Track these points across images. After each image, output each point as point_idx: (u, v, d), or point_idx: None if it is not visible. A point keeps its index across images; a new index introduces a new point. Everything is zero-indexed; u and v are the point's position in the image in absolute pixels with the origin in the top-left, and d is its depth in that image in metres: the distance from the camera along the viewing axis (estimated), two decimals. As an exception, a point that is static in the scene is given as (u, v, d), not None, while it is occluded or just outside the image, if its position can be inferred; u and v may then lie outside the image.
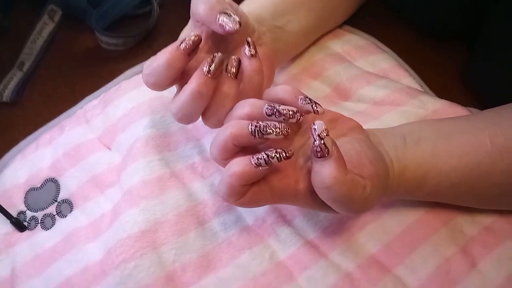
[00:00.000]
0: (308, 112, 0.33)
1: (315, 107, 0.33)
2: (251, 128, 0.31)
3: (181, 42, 0.33)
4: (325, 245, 0.39)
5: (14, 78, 0.52)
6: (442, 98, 0.48)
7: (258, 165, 0.30)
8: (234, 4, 0.37)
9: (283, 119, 0.32)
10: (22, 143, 0.47)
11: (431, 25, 0.55)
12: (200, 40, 0.34)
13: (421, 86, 0.51)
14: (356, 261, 0.38)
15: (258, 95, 0.36)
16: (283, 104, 0.32)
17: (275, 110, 0.32)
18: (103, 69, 0.54)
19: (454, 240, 0.39)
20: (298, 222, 0.40)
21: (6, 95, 0.50)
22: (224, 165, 0.32)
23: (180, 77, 0.36)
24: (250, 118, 0.32)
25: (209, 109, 0.35)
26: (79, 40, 0.58)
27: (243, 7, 0.44)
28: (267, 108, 0.32)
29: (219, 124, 0.35)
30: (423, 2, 0.54)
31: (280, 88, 0.34)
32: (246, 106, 0.33)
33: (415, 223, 0.40)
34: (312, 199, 0.33)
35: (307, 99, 0.33)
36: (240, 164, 0.31)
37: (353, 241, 0.39)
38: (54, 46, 0.57)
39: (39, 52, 0.55)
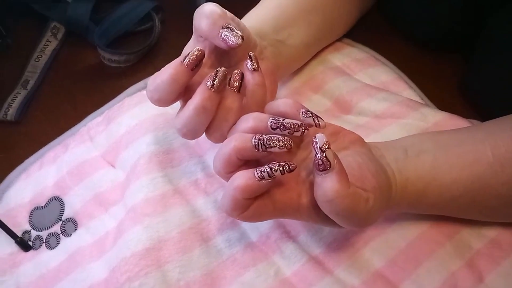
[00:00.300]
0: (310, 125, 0.33)
1: (317, 120, 0.33)
2: (255, 142, 0.31)
3: (185, 57, 0.33)
4: (330, 261, 0.39)
5: (19, 97, 0.52)
6: (442, 110, 0.49)
7: (261, 178, 0.31)
8: (236, 18, 0.37)
9: (288, 132, 0.32)
10: (26, 162, 0.47)
11: (429, 37, 0.56)
12: (203, 54, 0.34)
13: (422, 98, 0.51)
14: (362, 277, 0.38)
15: (261, 109, 0.36)
16: (285, 118, 0.33)
17: (279, 123, 0.32)
18: (106, 85, 0.55)
19: (459, 254, 0.39)
20: (303, 238, 0.40)
21: (11, 114, 0.51)
22: (227, 179, 0.32)
23: (184, 93, 0.36)
24: (255, 131, 0.32)
25: (212, 124, 0.35)
26: (82, 57, 0.58)
27: (244, 21, 0.45)
28: (271, 121, 0.32)
29: (222, 138, 0.35)
30: (421, 14, 0.54)
31: (282, 101, 0.34)
32: (250, 120, 0.33)
33: (419, 238, 0.40)
34: (315, 213, 0.33)
35: (309, 112, 0.33)
36: (243, 177, 0.31)
37: (358, 257, 0.39)
38: (56, 63, 0.58)
39: (42, 70, 0.56)
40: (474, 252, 0.39)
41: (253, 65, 0.35)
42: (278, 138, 0.31)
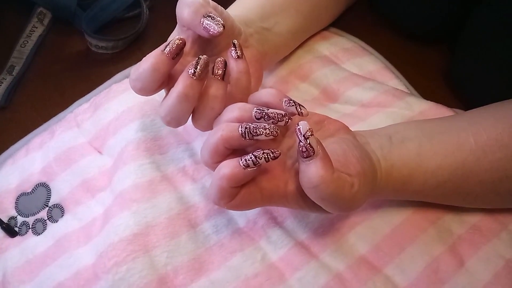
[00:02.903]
0: (293, 114, 0.33)
1: (299, 109, 0.34)
2: (241, 130, 0.32)
3: (165, 46, 0.34)
4: (316, 246, 0.39)
5: (4, 83, 0.52)
6: (427, 99, 0.49)
7: (247, 166, 0.31)
8: (219, 7, 0.37)
9: (272, 122, 0.33)
10: (12, 148, 0.47)
11: (416, 27, 0.56)
12: (184, 43, 0.34)
13: (407, 88, 0.52)
14: (346, 262, 0.38)
15: (246, 96, 0.36)
16: (269, 108, 0.33)
17: (264, 113, 0.33)
18: (93, 72, 0.54)
19: (442, 239, 0.40)
20: (289, 224, 0.40)
21: (-4, 99, 0.50)
22: (214, 168, 0.33)
23: (168, 82, 0.36)
24: (240, 121, 0.33)
25: (197, 111, 0.35)
26: (69, 43, 0.58)
27: (230, 10, 0.45)
28: (256, 111, 0.33)
29: (208, 126, 0.36)
30: (408, 5, 0.54)
31: (264, 91, 0.35)
32: (235, 110, 0.34)
33: (403, 223, 0.40)
34: (302, 199, 0.34)
35: (291, 101, 0.34)
36: (229, 166, 0.31)
37: (343, 242, 0.39)
38: (43, 49, 0.57)
39: (28, 56, 0.55)
40: (456, 238, 0.40)
41: (237, 52, 0.35)
42: (264, 126, 0.32)
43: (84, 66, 0.55)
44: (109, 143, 0.45)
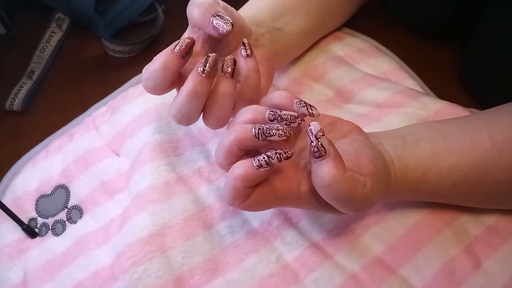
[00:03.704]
0: (305, 115, 0.34)
1: (311, 110, 0.34)
2: (255, 131, 0.32)
3: (175, 45, 0.34)
4: (330, 247, 0.39)
5: (24, 87, 0.53)
6: (442, 99, 0.49)
7: (260, 166, 0.31)
8: (229, 7, 0.38)
9: (285, 123, 0.33)
10: (32, 151, 0.48)
11: (429, 25, 0.56)
12: (193, 42, 0.35)
13: (422, 88, 0.51)
14: (361, 262, 0.38)
15: (256, 95, 0.37)
16: (281, 110, 0.33)
17: (277, 115, 0.33)
18: (110, 76, 0.55)
19: (457, 240, 0.40)
20: (304, 225, 0.40)
21: (17, 104, 0.51)
22: (228, 170, 0.33)
23: (179, 81, 0.37)
24: (253, 123, 0.33)
25: (207, 109, 0.36)
26: (87, 48, 0.59)
27: (242, 11, 0.45)
28: (269, 113, 0.33)
29: (219, 124, 0.37)
30: (420, 3, 0.54)
31: (276, 94, 0.35)
32: (248, 112, 0.34)
33: (418, 224, 0.40)
34: (315, 200, 0.34)
35: (302, 102, 0.34)
36: (242, 167, 0.32)
37: (357, 243, 0.39)
38: (62, 54, 0.58)
39: (48, 61, 0.56)
40: (472, 238, 0.40)
41: (246, 51, 0.36)
42: (277, 127, 0.32)
43: (102, 70, 0.56)
44: (126, 146, 0.46)
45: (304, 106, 0.34)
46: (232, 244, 0.40)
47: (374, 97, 0.49)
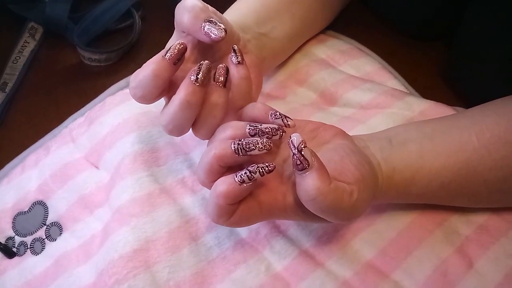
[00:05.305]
0: (281, 126, 0.33)
1: (286, 121, 0.33)
2: (234, 147, 0.31)
3: (166, 52, 0.33)
4: (321, 254, 0.38)
5: (-3, 100, 0.51)
6: (426, 98, 0.49)
7: (242, 182, 0.30)
8: (218, 13, 0.37)
9: (267, 137, 0.32)
10: (7, 166, 0.46)
11: (412, 24, 0.56)
12: (185, 48, 0.33)
13: (406, 88, 0.51)
14: (353, 268, 0.38)
15: (247, 102, 0.35)
16: (255, 122, 0.33)
17: (257, 129, 0.32)
18: (87, 85, 0.54)
19: (449, 241, 0.39)
20: (293, 232, 0.39)
21: (-11, 118, 0.50)
22: (211, 187, 0.32)
23: (168, 89, 0.35)
24: (233, 139, 0.32)
25: (199, 120, 0.35)
26: (61, 57, 0.57)
27: (226, 15, 0.44)
28: (249, 128, 0.33)
29: (209, 135, 0.35)
30: (403, 3, 0.54)
31: (249, 107, 0.35)
32: (228, 129, 0.33)
33: (408, 227, 0.40)
34: (301, 211, 0.33)
35: (277, 113, 0.33)
36: (224, 184, 0.31)
37: (348, 248, 0.39)
38: (36, 64, 0.56)
39: (21, 72, 0.55)
40: (464, 238, 0.39)
41: (237, 58, 0.35)
42: (257, 140, 0.31)
43: (78, 80, 0.55)
44: (105, 157, 0.44)
45: (279, 118, 0.33)
46: (219, 256, 0.38)
47: (358, 99, 0.49)
